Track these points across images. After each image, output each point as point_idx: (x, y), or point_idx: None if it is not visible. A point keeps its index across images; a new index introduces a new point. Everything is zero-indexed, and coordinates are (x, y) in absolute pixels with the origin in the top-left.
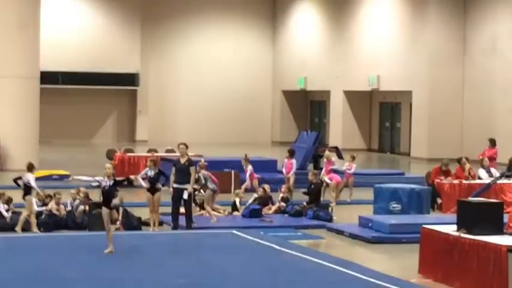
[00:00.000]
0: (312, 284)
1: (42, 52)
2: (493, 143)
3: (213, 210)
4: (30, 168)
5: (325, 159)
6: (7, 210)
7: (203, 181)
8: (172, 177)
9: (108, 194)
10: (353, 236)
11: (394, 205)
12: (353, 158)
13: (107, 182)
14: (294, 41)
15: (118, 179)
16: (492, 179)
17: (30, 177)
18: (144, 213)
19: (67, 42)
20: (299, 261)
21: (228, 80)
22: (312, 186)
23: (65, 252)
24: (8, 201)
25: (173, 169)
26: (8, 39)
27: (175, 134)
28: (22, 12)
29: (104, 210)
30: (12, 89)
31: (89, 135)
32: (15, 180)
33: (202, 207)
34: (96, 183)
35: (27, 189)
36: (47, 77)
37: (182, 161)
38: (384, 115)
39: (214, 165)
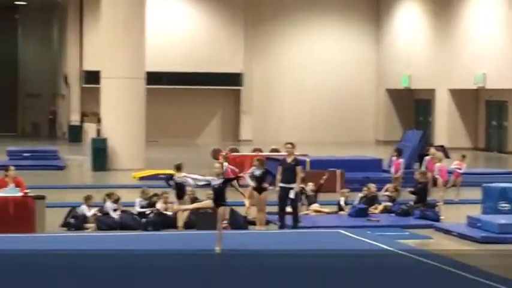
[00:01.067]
0: (423, 285)
1: (148, 53)
2: None
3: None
4: (180, 168)
5: (430, 157)
6: (115, 210)
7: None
8: (278, 176)
9: (219, 193)
10: (461, 236)
11: (503, 205)
12: (463, 157)
13: (216, 181)
14: (398, 39)
15: (228, 177)
16: None
17: (185, 176)
18: (250, 213)
19: (172, 43)
20: (409, 261)
21: (331, 79)
22: (419, 185)
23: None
24: (117, 200)
25: (280, 168)
26: (114, 42)
27: (279, 133)
28: (128, 15)
29: (219, 209)
30: (119, 89)
31: (194, 135)
32: (166, 181)
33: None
34: (203, 183)
35: (180, 189)
36: (152, 78)
37: (289, 160)
38: (490, 113)
39: (318, 165)
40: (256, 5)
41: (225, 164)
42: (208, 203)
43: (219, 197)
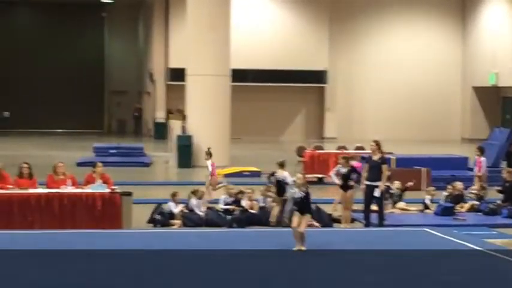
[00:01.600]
0: None
1: (233, 50)
2: None
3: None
4: (283, 165)
5: None
6: (202, 207)
7: None
8: (364, 174)
9: (302, 205)
10: None
11: None
12: None
13: (299, 194)
14: (484, 36)
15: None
16: None
17: (286, 174)
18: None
19: (257, 41)
20: (497, 261)
21: (417, 76)
22: (507, 184)
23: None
24: (201, 197)
25: (366, 166)
26: (200, 40)
27: (363, 131)
28: (213, 13)
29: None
30: (204, 86)
31: (278, 132)
32: (268, 177)
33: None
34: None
35: (281, 186)
36: (237, 75)
37: (375, 158)
38: None
39: (404, 163)
40: (341, 2)
41: (209, 162)
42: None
43: (302, 207)
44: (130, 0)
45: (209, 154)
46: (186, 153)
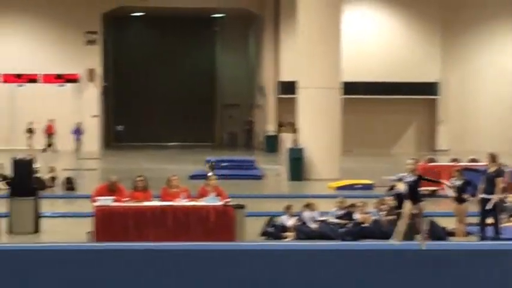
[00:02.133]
0: None
1: (343, 63)
2: None
3: None
4: (401, 179)
5: None
6: (315, 220)
7: None
8: (481, 187)
9: (412, 189)
10: None
11: None
12: None
13: (410, 178)
14: None
15: (425, 177)
16: None
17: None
18: (449, 223)
19: (367, 53)
20: None
21: None
22: None
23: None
24: (314, 209)
25: (483, 178)
26: (311, 52)
27: (477, 143)
28: (324, 26)
29: (407, 205)
30: (315, 99)
31: (389, 145)
32: (387, 190)
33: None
34: (397, 178)
35: (400, 200)
36: (348, 88)
37: (490, 170)
38: None
39: None
40: (453, 14)
41: (210, 173)
42: (408, 207)
43: (411, 193)
44: (241, 14)
45: (211, 167)
46: (297, 166)
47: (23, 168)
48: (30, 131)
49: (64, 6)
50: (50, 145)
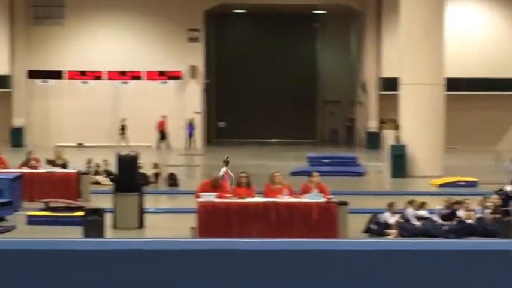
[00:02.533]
0: None
1: (446, 59)
2: None
3: None
4: None
5: None
6: (418, 217)
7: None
8: None
9: None
10: None
11: None
12: None
13: None
14: None
15: None
16: None
17: None
18: None
19: (470, 49)
20: None
21: None
22: None
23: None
24: (421, 206)
25: None
26: (413, 49)
27: None
28: (427, 22)
29: None
30: (417, 96)
31: (493, 142)
32: (497, 191)
33: None
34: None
35: (509, 199)
36: (451, 84)
37: None
38: None
39: None
40: None
41: (223, 169)
42: None
43: None
44: (343, 10)
45: (226, 162)
46: (399, 162)
47: (128, 164)
48: (122, 128)
49: (167, 4)
50: (162, 140)
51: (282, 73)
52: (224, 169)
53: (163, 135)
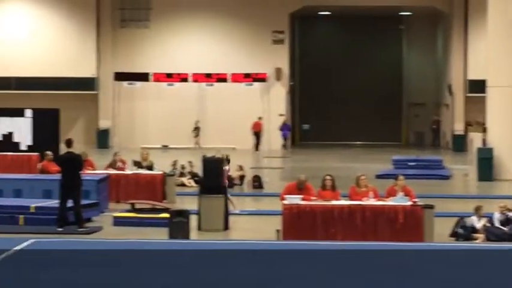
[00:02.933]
0: None
1: None
2: None
3: None
4: None
5: None
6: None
7: None
8: None
9: None
10: None
11: None
12: None
13: None
14: None
15: None
16: None
17: None
18: None
19: None
20: None
21: None
22: None
23: None
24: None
25: None
26: (501, 50)
27: None
28: None
29: None
30: (504, 98)
31: None
32: None
33: None
34: None
35: None
36: None
37: None
38: None
39: None
40: None
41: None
42: None
43: None
44: (429, 12)
45: (227, 161)
46: (486, 166)
47: (213, 166)
48: (196, 129)
49: (253, 6)
50: (257, 144)
51: (367, 75)
52: (227, 167)
53: (258, 137)
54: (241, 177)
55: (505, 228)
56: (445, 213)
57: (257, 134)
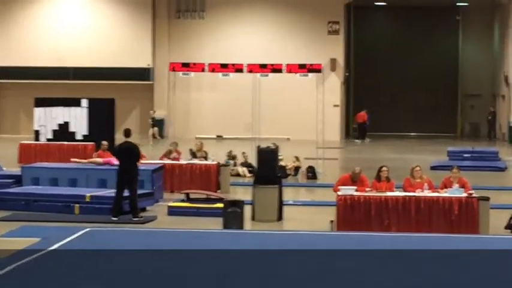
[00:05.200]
0: None
1: None
2: None
3: None
4: None
5: None
6: None
7: None
8: None
9: None
10: None
11: None
12: None
13: None
14: None
15: None
16: None
17: None
18: None
19: None
20: None
21: None
22: None
23: None
24: None
25: None
26: None
27: None
28: None
29: None
30: None
31: None
32: None
33: None
34: None
35: None
36: None
37: None
38: None
39: None
40: None
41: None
42: None
43: None
44: (486, 2)
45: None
46: None
47: (268, 157)
48: (153, 121)
49: None
50: (361, 133)
51: (422, 66)
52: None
53: (362, 129)
54: (296, 168)
55: None
56: (501, 205)
57: (361, 125)
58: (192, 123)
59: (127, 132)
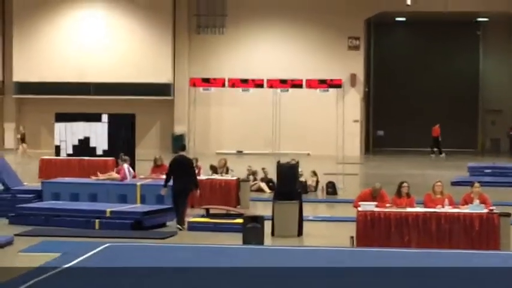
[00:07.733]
0: None
1: None
2: None
3: None
4: None
5: None
6: None
7: None
8: None
9: None
10: None
11: None
12: None
13: None
14: None
15: None
16: None
17: None
18: None
19: None
20: None
21: None
22: None
23: None
24: None
25: None
26: None
27: None
28: None
29: None
30: None
31: None
32: None
33: None
34: None
35: None
36: None
37: None
38: None
39: None
40: None
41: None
42: None
43: None
44: (506, 17)
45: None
46: None
47: (288, 172)
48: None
49: (328, 12)
50: (435, 147)
51: (442, 81)
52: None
53: (437, 143)
54: (316, 183)
55: None
56: None
57: (435, 138)
58: (212, 138)
59: (183, 147)
